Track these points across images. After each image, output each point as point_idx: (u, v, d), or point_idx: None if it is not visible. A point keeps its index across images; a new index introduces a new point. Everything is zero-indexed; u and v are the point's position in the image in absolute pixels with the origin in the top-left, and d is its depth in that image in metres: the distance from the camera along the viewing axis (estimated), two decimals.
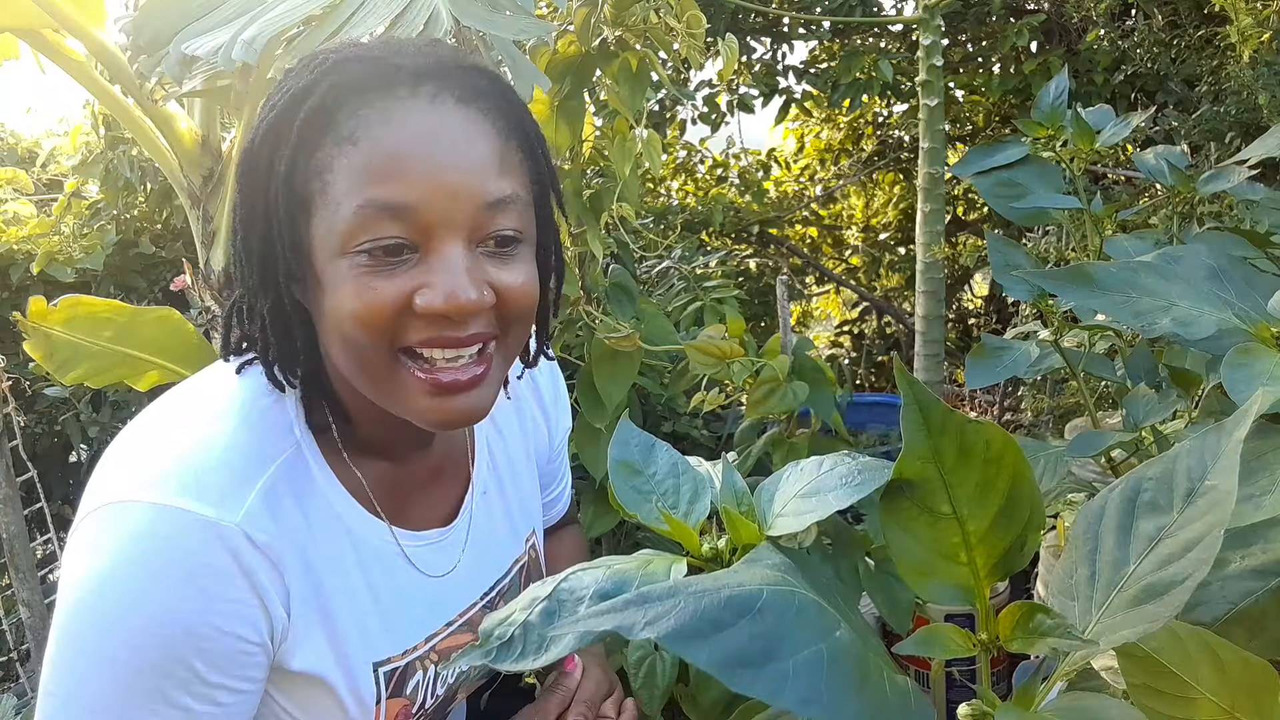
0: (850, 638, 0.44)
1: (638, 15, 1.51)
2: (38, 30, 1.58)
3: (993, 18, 3.38)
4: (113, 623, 0.67)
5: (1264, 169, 1.90)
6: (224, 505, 0.69)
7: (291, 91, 0.69)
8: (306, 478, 0.76)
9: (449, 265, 0.68)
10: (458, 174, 0.68)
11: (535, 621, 0.51)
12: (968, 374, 1.20)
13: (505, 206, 0.70)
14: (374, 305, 0.67)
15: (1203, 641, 0.59)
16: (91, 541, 0.69)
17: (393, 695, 0.83)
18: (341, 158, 0.67)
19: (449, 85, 0.69)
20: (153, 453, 0.72)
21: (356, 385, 0.74)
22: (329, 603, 0.77)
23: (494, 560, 0.94)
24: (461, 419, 0.73)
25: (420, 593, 0.85)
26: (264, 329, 0.74)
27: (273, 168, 0.69)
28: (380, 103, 0.67)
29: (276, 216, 0.69)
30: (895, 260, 4.32)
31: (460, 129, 0.69)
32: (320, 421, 0.78)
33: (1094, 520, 0.55)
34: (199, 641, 0.68)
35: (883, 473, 0.57)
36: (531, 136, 0.75)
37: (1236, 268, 0.90)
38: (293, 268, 0.70)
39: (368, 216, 0.66)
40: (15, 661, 2.21)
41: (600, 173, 1.90)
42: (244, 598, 0.70)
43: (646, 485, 0.67)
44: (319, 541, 0.76)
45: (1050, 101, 1.33)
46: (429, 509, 0.88)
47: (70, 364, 1.64)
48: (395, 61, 0.69)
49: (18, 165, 3.07)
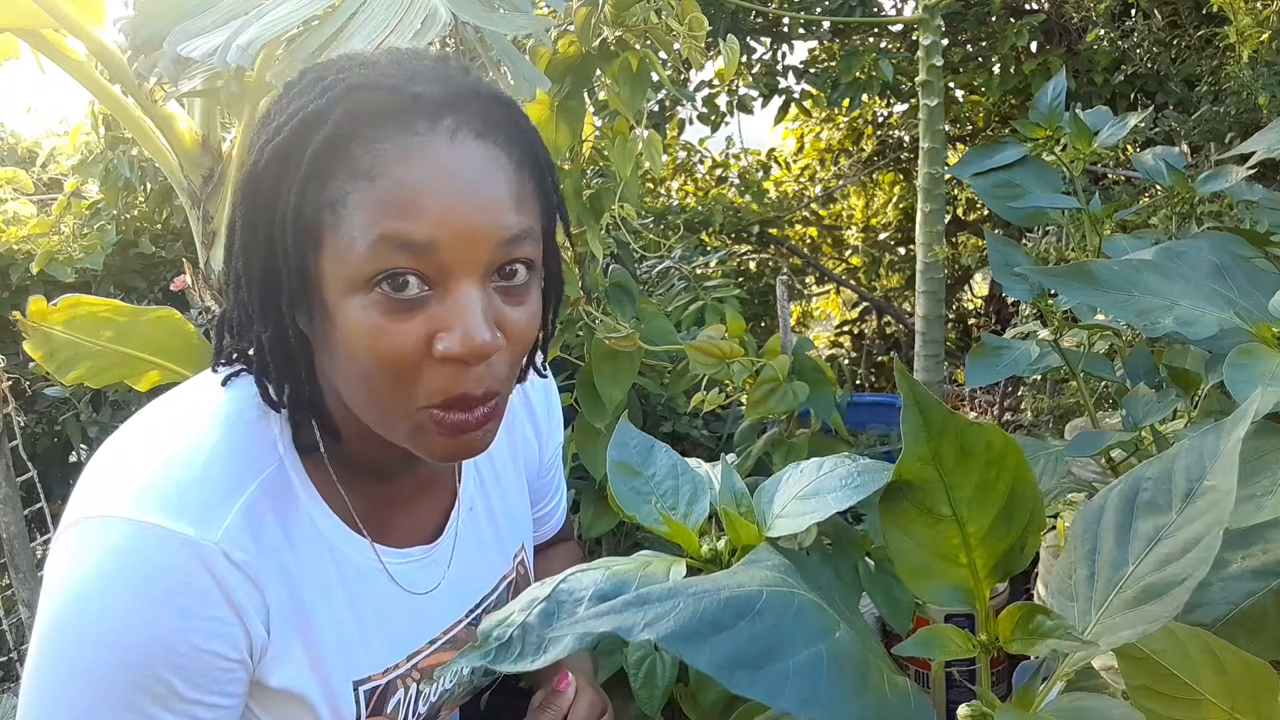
0: (850, 638, 0.44)
1: (638, 15, 1.51)
2: (38, 30, 1.58)
3: (993, 18, 3.38)
4: (90, 639, 0.67)
5: (1263, 169, 1.90)
6: (204, 523, 0.69)
7: (301, 116, 0.67)
8: (289, 494, 0.76)
9: (466, 307, 0.66)
10: (476, 212, 0.66)
11: (534, 622, 0.51)
12: (967, 374, 1.20)
13: (520, 242, 0.69)
14: (395, 351, 0.66)
15: (1203, 643, 0.59)
16: (71, 555, 0.69)
17: (373, 713, 0.82)
18: (356, 193, 0.65)
19: (468, 119, 0.68)
20: (135, 466, 0.72)
21: (363, 418, 0.73)
22: (310, 620, 0.76)
23: (479, 577, 0.93)
24: (469, 453, 0.73)
25: (402, 610, 0.84)
26: (261, 352, 0.73)
27: (279, 195, 0.67)
28: (399, 137, 0.65)
29: (283, 245, 0.67)
30: (895, 260, 4.32)
31: (479, 166, 0.67)
32: (307, 439, 0.77)
33: (1093, 520, 0.55)
34: (177, 659, 0.68)
35: (883, 474, 0.57)
36: (543, 166, 0.74)
37: (1239, 266, 0.90)
38: (297, 297, 0.69)
39: (384, 254, 0.64)
40: (15, 661, 2.21)
41: (600, 173, 1.90)
42: (222, 615, 0.69)
43: (645, 486, 0.67)
44: (300, 559, 0.76)
45: (1048, 102, 1.33)
46: (413, 526, 0.87)
47: (70, 364, 1.63)
48: (412, 91, 0.67)
49: (18, 165, 3.07)
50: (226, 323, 0.78)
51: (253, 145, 0.70)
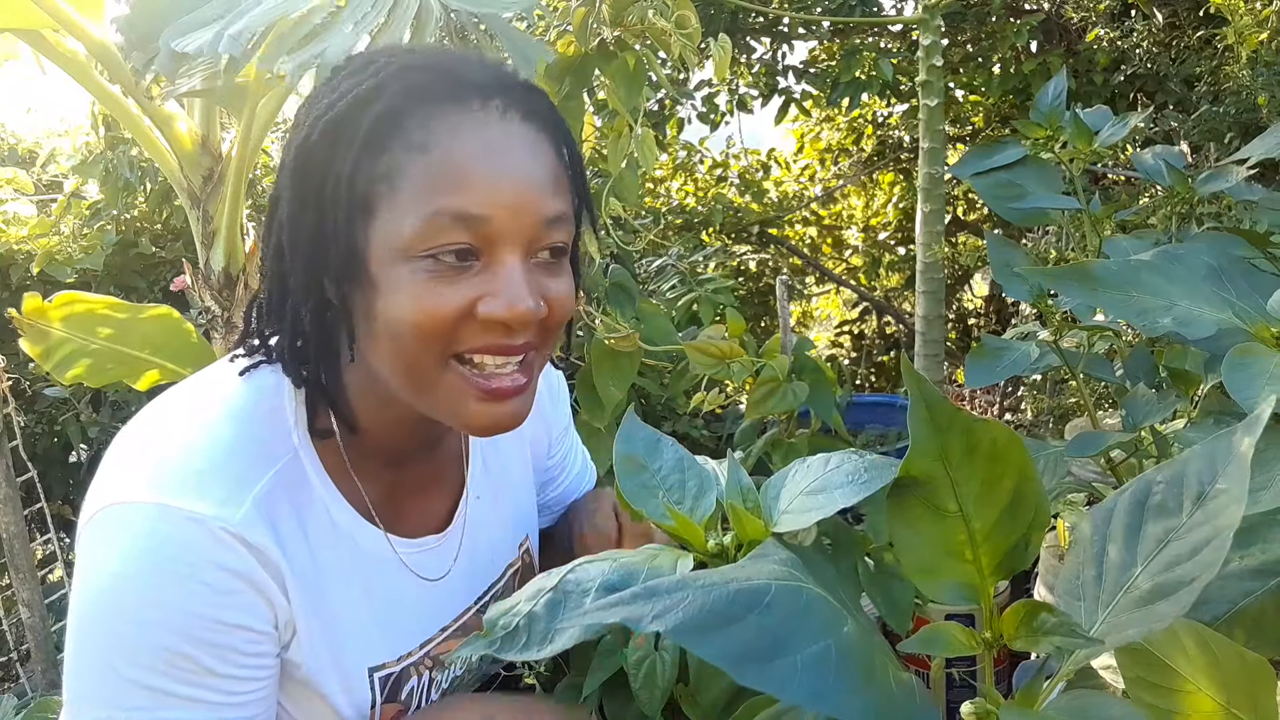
0: (857, 633, 0.44)
1: (635, 15, 1.52)
2: (38, 30, 1.58)
3: (993, 18, 3.38)
4: (122, 621, 0.68)
5: (1262, 169, 1.90)
6: (224, 505, 0.70)
7: (355, 94, 0.70)
8: (303, 484, 0.77)
9: (511, 276, 0.70)
10: (523, 189, 0.70)
11: (540, 613, 0.51)
12: (967, 374, 1.21)
13: (559, 223, 0.73)
14: (436, 311, 0.68)
15: (1199, 636, 0.59)
16: (97, 543, 0.70)
17: (388, 700, 0.83)
18: (411, 165, 0.68)
19: (515, 102, 0.72)
20: (153, 453, 0.73)
21: (396, 387, 0.74)
22: (326, 609, 0.77)
23: (488, 565, 0.94)
24: (507, 424, 0.75)
25: (416, 599, 0.85)
26: (295, 325, 0.74)
27: (331, 167, 0.69)
28: (453, 114, 0.69)
29: (334, 216, 0.69)
30: (895, 260, 4.32)
31: (526, 146, 0.71)
32: (324, 428, 0.79)
33: (1103, 521, 0.56)
34: (208, 635, 0.69)
35: (889, 471, 0.57)
36: (575, 157, 0.78)
37: (1237, 267, 0.91)
38: (344, 267, 0.71)
39: (438, 224, 0.67)
40: (15, 661, 2.21)
41: (599, 173, 1.90)
42: (245, 589, 0.71)
43: (652, 480, 0.67)
44: (316, 548, 0.77)
45: (1048, 102, 1.34)
46: (424, 515, 0.88)
47: (68, 362, 1.63)
48: (462, 72, 0.71)
49: (18, 165, 3.06)
50: (257, 304, 0.80)
51: (300, 122, 0.73)
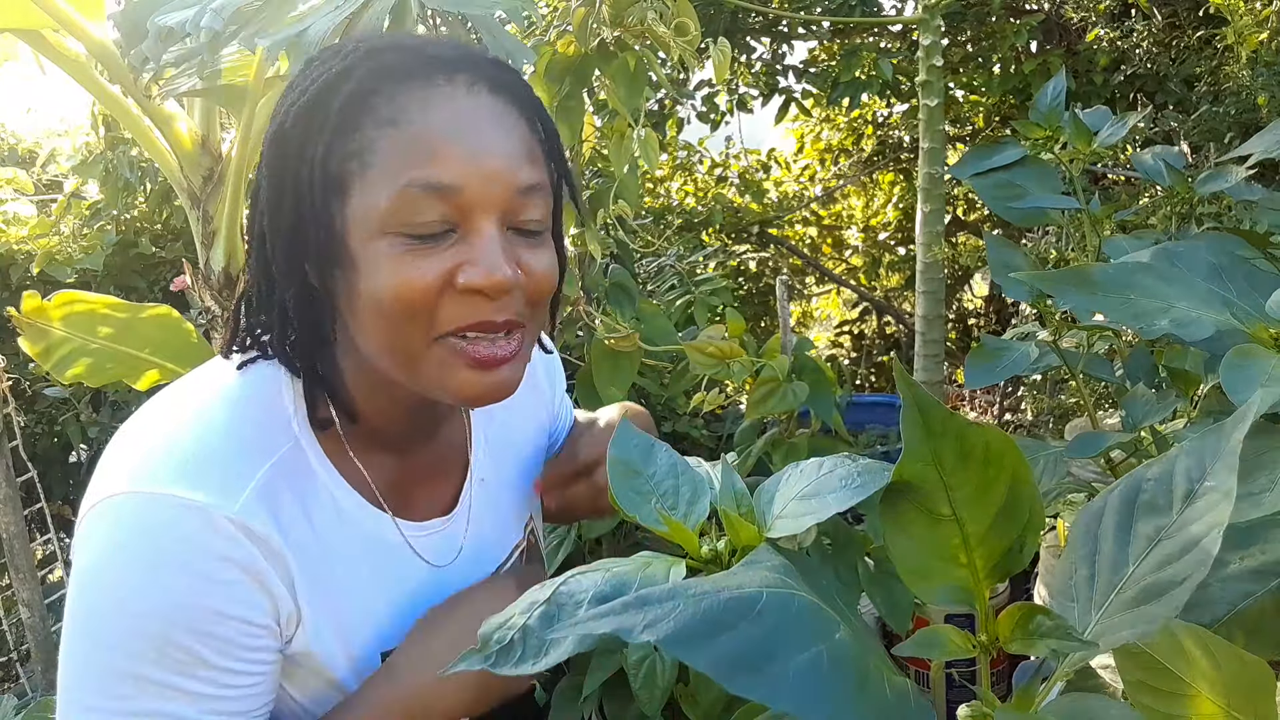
0: (849, 640, 0.44)
1: (635, 16, 1.51)
2: (38, 30, 1.59)
3: (993, 18, 3.38)
4: (115, 612, 0.68)
5: (1262, 169, 1.90)
6: (222, 494, 0.70)
7: (325, 78, 0.71)
8: (306, 472, 0.77)
9: (488, 245, 0.70)
10: (495, 158, 0.71)
11: (534, 625, 0.51)
12: (967, 374, 1.20)
13: (534, 194, 0.73)
14: (416, 282, 0.69)
15: (1199, 639, 0.59)
16: (91, 536, 0.70)
17: None
18: (382, 140, 0.69)
19: (482, 75, 0.73)
20: (150, 445, 0.73)
21: (385, 367, 0.74)
22: (335, 596, 0.77)
23: (494, 547, 0.95)
24: (498, 393, 0.75)
25: (426, 583, 0.85)
26: (283, 314, 0.75)
27: (305, 150, 0.70)
28: (420, 90, 0.70)
29: (310, 198, 0.70)
30: (895, 260, 4.32)
31: (495, 117, 0.72)
32: (324, 418, 0.79)
33: (1093, 521, 0.55)
34: (198, 624, 0.68)
35: (883, 475, 0.56)
36: (550, 132, 0.78)
37: (1237, 267, 0.90)
38: (324, 249, 0.71)
39: (411, 196, 0.68)
40: (15, 661, 2.21)
41: (599, 173, 1.90)
42: (243, 580, 0.70)
43: (645, 486, 0.67)
44: (322, 535, 0.76)
45: (1048, 102, 1.33)
46: (430, 499, 0.88)
47: (67, 361, 1.63)
48: (430, 51, 0.72)
49: (18, 165, 3.07)
50: (245, 298, 0.80)
51: (276, 112, 0.74)
